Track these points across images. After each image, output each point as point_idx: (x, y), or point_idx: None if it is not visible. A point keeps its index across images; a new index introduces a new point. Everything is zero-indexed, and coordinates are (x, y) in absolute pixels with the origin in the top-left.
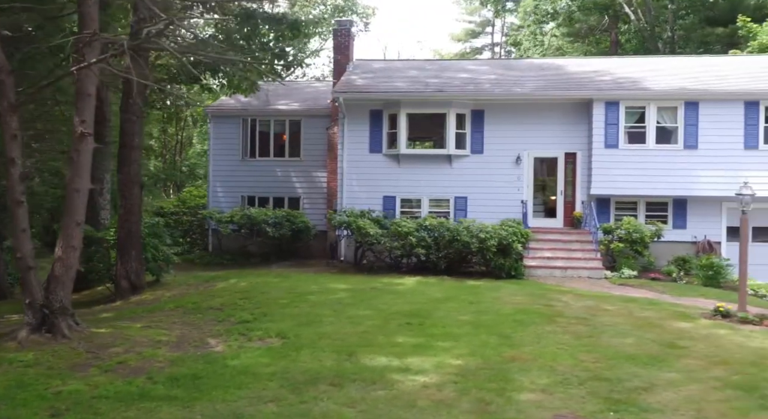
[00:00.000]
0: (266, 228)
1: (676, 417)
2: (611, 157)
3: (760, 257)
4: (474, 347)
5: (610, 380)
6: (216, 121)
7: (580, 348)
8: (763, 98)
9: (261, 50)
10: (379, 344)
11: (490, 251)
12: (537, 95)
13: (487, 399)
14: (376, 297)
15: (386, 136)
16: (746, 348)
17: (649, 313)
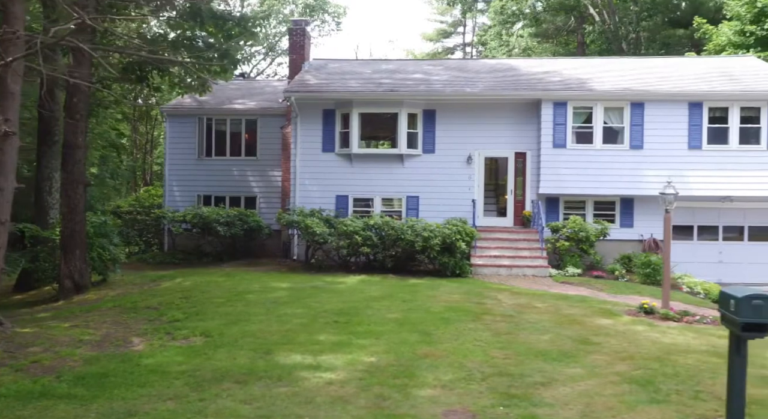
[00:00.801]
0: (217, 227)
1: (564, 411)
2: (559, 157)
3: (705, 255)
4: (392, 344)
5: (513, 375)
6: (172, 120)
7: (495, 345)
8: (707, 99)
9: (207, 49)
10: (299, 342)
11: (434, 250)
12: (487, 95)
13: (386, 394)
14: (313, 296)
15: (339, 135)
16: (657, 344)
17: (575, 310)
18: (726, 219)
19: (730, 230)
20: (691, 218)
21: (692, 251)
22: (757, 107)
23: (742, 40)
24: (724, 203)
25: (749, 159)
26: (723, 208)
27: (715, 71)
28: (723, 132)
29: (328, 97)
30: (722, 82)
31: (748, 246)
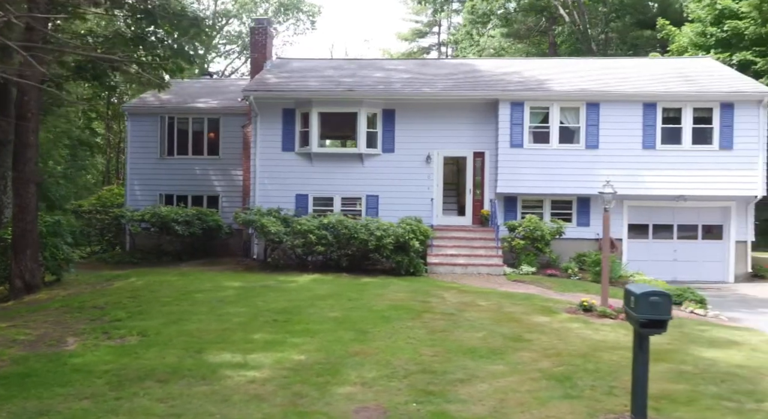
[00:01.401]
0: (176, 227)
1: (476, 407)
2: (516, 156)
3: (660, 253)
4: (325, 342)
5: (435, 372)
6: (133, 119)
7: (427, 343)
8: (660, 100)
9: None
10: (233, 341)
11: (387, 248)
12: (445, 95)
13: (304, 392)
14: (260, 295)
15: (299, 134)
16: (587, 341)
17: (517, 308)
18: (681, 218)
19: (685, 228)
20: (646, 217)
21: (648, 250)
22: (710, 107)
23: (703, 41)
24: (678, 202)
25: (702, 159)
26: (677, 207)
27: (673, 72)
28: (677, 132)
29: (288, 97)
30: (677, 83)
31: (702, 244)
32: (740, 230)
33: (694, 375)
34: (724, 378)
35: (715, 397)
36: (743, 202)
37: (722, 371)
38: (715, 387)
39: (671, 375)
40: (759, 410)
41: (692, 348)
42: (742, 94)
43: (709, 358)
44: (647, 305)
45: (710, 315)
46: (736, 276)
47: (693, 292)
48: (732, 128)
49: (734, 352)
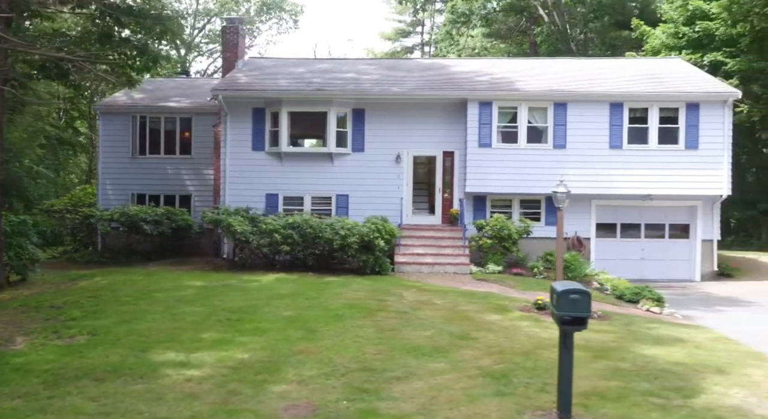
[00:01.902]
0: (144, 226)
1: (406, 404)
2: (485, 156)
3: (628, 252)
4: (272, 341)
5: (375, 370)
6: (105, 118)
7: (374, 341)
8: (627, 100)
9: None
10: (181, 340)
11: (351, 248)
12: (414, 95)
13: (239, 390)
14: (220, 294)
15: (269, 134)
16: (534, 339)
17: (472, 307)
18: (648, 217)
19: (652, 227)
20: (614, 216)
21: (616, 249)
22: (676, 107)
23: (675, 42)
24: (645, 201)
25: (668, 159)
26: (645, 206)
27: (641, 73)
28: (643, 132)
29: (257, 96)
30: (644, 84)
31: (669, 243)
32: (706, 229)
33: (629, 372)
34: (658, 375)
35: (644, 394)
36: (709, 201)
37: (658, 368)
38: (647, 383)
39: (607, 373)
40: (684, 406)
41: (636, 345)
42: (707, 94)
43: (649, 355)
44: (568, 302)
45: (665, 313)
46: (703, 275)
47: (651, 290)
48: (697, 128)
49: (676, 349)
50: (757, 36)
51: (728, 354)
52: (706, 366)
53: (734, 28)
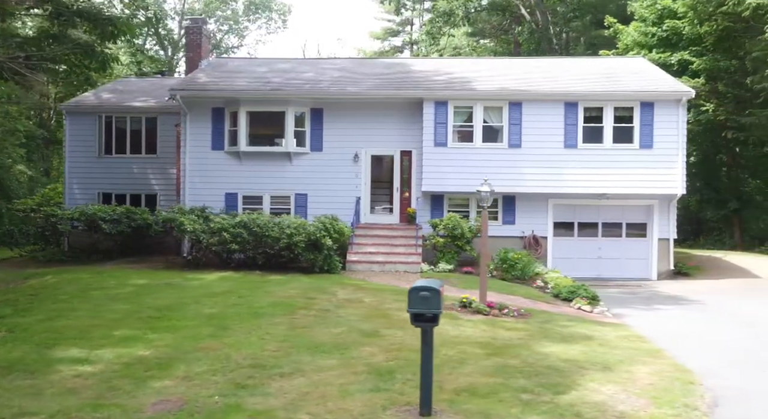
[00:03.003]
0: (103, 225)
1: (276, 399)
2: (441, 155)
3: (585, 251)
4: (181, 338)
5: (264, 367)
6: (72, 118)
7: (280, 339)
8: (582, 99)
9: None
10: (92, 337)
11: (298, 246)
12: (370, 94)
13: (119, 386)
14: (155, 292)
15: (228, 133)
16: (440, 336)
17: (398, 305)
18: (605, 216)
19: (610, 226)
20: (571, 215)
21: (573, 248)
22: (630, 106)
23: (646, 40)
24: (601, 200)
25: (623, 158)
26: (602, 205)
27: (600, 72)
28: (598, 131)
29: (216, 96)
30: (600, 83)
31: (626, 242)
32: (663, 228)
33: (514, 369)
34: (542, 371)
35: (517, 390)
36: (665, 200)
37: (546, 365)
38: (525, 380)
39: (492, 370)
40: (549, 402)
41: (539, 343)
42: (661, 93)
43: (545, 353)
44: (418, 299)
45: (596, 311)
46: (659, 274)
47: (586, 289)
48: (652, 127)
49: (577, 347)
50: (721, 35)
51: (626, 352)
52: (595, 364)
53: (700, 27)
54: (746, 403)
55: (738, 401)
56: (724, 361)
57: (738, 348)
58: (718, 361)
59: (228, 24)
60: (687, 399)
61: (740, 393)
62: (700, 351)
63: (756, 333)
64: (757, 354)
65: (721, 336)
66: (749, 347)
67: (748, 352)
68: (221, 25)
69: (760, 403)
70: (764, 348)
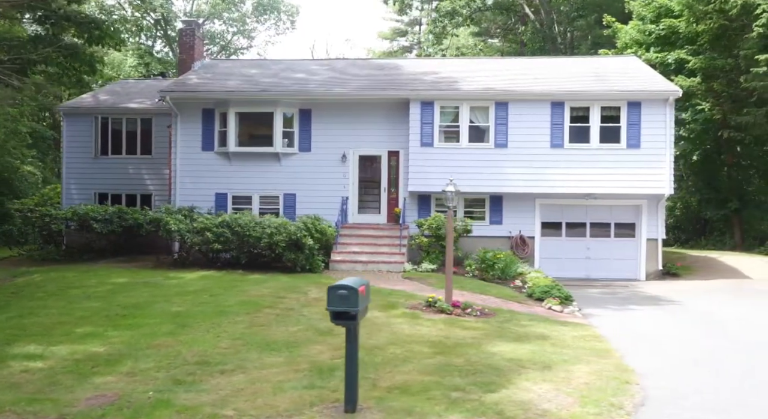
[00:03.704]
0: (94, 224)
1: (209, 396)
2: (427, 155)
3: (573, 251)
4: (139, 335)
5: (209, 364)
6: (69, 119)
7: (235, 336)
8: (568, 99)
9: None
10: (54, 333)
11: (279, 246)
12: (357, 95)
13: (62, 381)
14: (131, 291)
15: (218, 134)
16: (396, 335)
17: None
18: (593, 216)
19: (598, 227)
20: (559, 215)
21: (561, 248)
22: (618, 106)
23: (644, 38)
24: (588, 200)
25: (610, 157)
26: (590, 205)
27: (588, 72)
28: (585, 131)
29: (206, 97)
30: (587, 82)
31: (615, 242)
32: (651, 228)
33: (454, 368)
34: (481, 370)
35: (449, 388)
36: (654, 200)
37: (487, 364)
38: (461, 379)
39: (433, 368)
40: (476, 400)
41: (491, 342)
42: (648, 92)
43: (493, 352)
44: (336, 297)
45: (566, 311)
46: (648, 274)
47: (560, 289)
48: (639, 126)
49: (528, 346)
50: (717, 34)
51: (576, 352)
52: (538, 363)
53: (696, 25)
54: (674, 404)
55: (667, 401)
56: (675, 362)
57: (696, 348)
58: (667, 362)
59: (236, 26)
60: (616, 398)
61: (672, 394)
62: (654, 352)
63: (722, 334)
64: (713, 355)
65: (683, 337)
66: (708, 347)
67: (705, 353)
68: (230, 26)
69: (689, 404)
70: (723, 349)
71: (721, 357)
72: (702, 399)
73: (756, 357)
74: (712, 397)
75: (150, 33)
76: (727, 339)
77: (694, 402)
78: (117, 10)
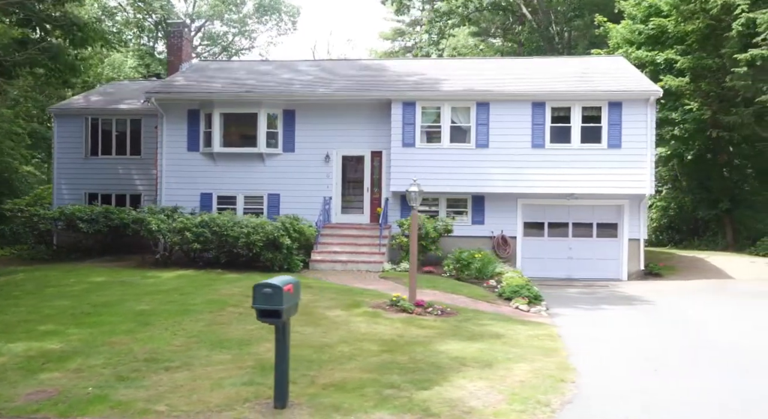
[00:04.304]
0: (80, 224)
1: (146, 392)
2: (409, 155)
3: (556, 251)
4: (98, 333)
5: (157, 361)
6: (60, 120)
7: (191, 334)
8: (549, 99)
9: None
10: (15, 331)
11: (256, 246)
12: (339, 96)
13: (8, 378)
14: (105, 290)
15: (203, 135)
16: (352, 333)
17: (330, 303)
18: (575, 216)
19: (580, 226)
20: (541, 215)
21: (543, 248)
22: (599, 106)
23: (634, 38)
24: (569, 200)
25: (591, 157)
26: (573, 205)
27: (575, 72)
28: (566, 131)
29: (190, 98)
30: (569, 83)
31: (597, 242)
32: (633, 228)
33: (396, 366)
34: (422, 368)
35: (384, 385)
36: (636, 200)
37: (430, 362)
38: (399, 376)
39: (375, 366)
40: (407, 397)
41: (443, 341)
42: (629, 92)
43: (439, 350)
44: (261, 296)
45: (533, 310)
46: (630, 274)
47: (530, 288)
48: (620, 126)
49: (477, 345)
50: (704, 33)
51: (524, 350)
52: (480, 361)
53: (684, 25)
54: (604, 402)
55: (597, 400)
56: (623, 361)
57: (652, 348)
58: (615, 361)
59: (236, 27)
60: (545, 396)
61: (606, 392)
62: (606, 351)
63: (684, 334)
64: (666, 355)
65: (643, 336)
66: (666, 347)
67: (659, 352)
68: (231, 27)
69: (621, 403)
70: (680, 350)
71: (674, 357)
72: (637, 399)
73: (711, 358)
74: (648, 397)
75: (151, 34)
76: (689, 339)
77: (627, 401)
78: (119, 11)
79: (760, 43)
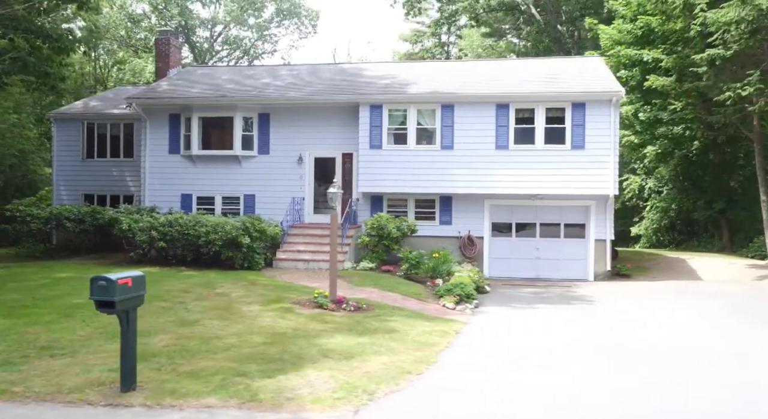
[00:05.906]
0: (66, 223)
1: (20, 375)
2: (376, 157)
3: (523, 251)
4: (19, 324)
5: (50, 349)
6: (59, 124)
7: (100, 326)
8: (513, 101)
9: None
10: None
11: (216, 244)
12: (310, 99)
13: None
14: (61, 285)
15: (183, 138)
16: (250, 327)
17: (255, 299)
18: (543, 217)
19: (547, 227)
20: (509, 215)
21: (511, 248)
22: (562, 107)
23: (623, 37)
24: (535, 201)
25: (555, 158)
26: (540, 206)
27: (545, 74)
28: (530, 132)
29: (170, 103)
30: (533, 84)
31: (564, 243)
32: (599, 228)
33: (261, 357)
34: (283, 359)
35: (236, 374)
36: (602, 201)
37: (297, 354)
38: (256, 366)
39: (244, 356)
40: (247, 384)
41: (330, 335)
42: (592, 93)
43: (319, 344)
44: (97, 288)
45: (458, 308)
46: (596, 275)
47: (464, 287)
48: (584, 127)
49: (361, 339)
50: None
51: (403, 345)
52: (344, 354)
53: (667, 24)
54: (437, 394)
55: (430, 391)
56: (504, 356)
57: (549, 346)
58: (490, 358)
59: (255, 31)
60: (377, 386)
61: (450, 385)
62: (496, 347)
63: (598, 333)
64: (553, 354)
65: (551, 335)
66: (565, 344)
67: (555, 350)
68: (251, 32)
69: (457, 395)
70: (577, 348)
71: (567, 354)
72: (474, 390)
73: (604, 356)
74: (489, 390)
75: None
76: (600, 337)
77: (463, 392)
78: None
79: (715, 43)
